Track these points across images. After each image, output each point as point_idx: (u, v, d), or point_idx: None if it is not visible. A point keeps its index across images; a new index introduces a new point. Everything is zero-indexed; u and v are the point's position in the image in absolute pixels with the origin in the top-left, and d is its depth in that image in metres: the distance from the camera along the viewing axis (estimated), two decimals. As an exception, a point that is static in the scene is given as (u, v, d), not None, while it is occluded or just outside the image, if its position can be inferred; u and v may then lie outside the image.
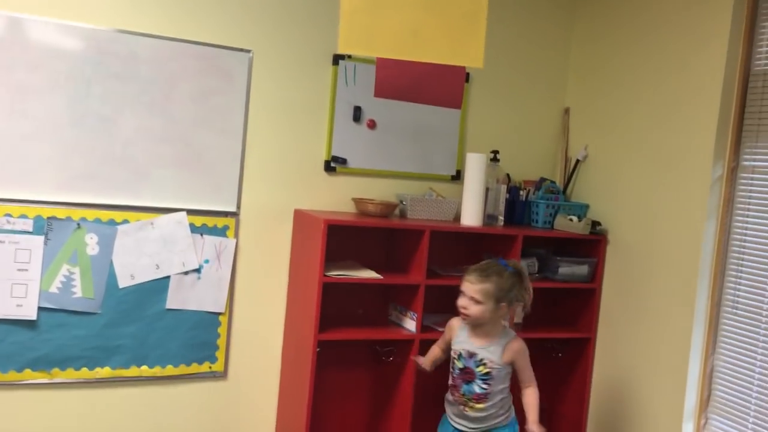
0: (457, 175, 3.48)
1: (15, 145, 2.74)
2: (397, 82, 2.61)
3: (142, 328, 2.96)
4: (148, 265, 2.95)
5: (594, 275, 3.39)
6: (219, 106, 3.04)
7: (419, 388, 3.08)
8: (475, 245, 3.46)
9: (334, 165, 3.26)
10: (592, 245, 3.40)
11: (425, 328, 3.11)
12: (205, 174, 3.04)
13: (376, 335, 3.13)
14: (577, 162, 3.59)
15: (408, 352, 3.07)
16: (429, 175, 3.44)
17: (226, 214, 3.08)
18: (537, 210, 3.46)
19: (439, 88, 2.73)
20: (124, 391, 2.98)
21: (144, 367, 2.99)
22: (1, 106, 2.71)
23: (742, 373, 2.82)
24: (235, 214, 3.10)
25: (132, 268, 2.92)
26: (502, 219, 3.37)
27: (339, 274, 2.94)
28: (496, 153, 3.40)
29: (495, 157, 3.39)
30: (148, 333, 2.97)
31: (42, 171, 2.78)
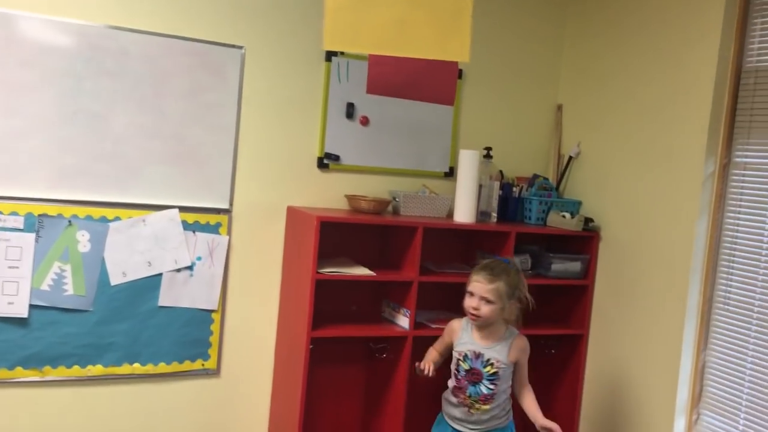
0: (450, 172, 3.48)
1: (5, 142, 2.72)
2: (390, 78, 2.61)
3: (135, 326, 2.95)
4: (140, 262, 2.94)
5: (587, 272, 3.40)
6: (211, 103, 3.03)
7: (412, 385, 3.08)
8: (468, 242, 3.46)
9: (327, 162, 3.25)
10: (584, 242, 3.41)
11: (418, 325, 3.11)
12: (197, 171, 3.03)
13: (369, 332, 3.13)
14: (569, 159, 3.59)
15: (401, 349, 3.08)
16: (422, 172, 3.44)
17: (218, 211, 3.08)
18: (530, 207, 3.46)
19: (431, 85, 2.73)
20: (116, 388, 2.97)
21: (136, 365, 2.98)
22: (-9, 102, 2.70)
23: (734, 368, 2.84)
24: (228, 211, 3.09)
25: (124, 265, 2.91)
26: (495, 216, 3.37)
27: (332, 271, 2.94)
28: (489, 150, 3.40)
29: (488, 153, 3.39)
30: (140, 330, 2.96)
31: (33, 168, 2.77)
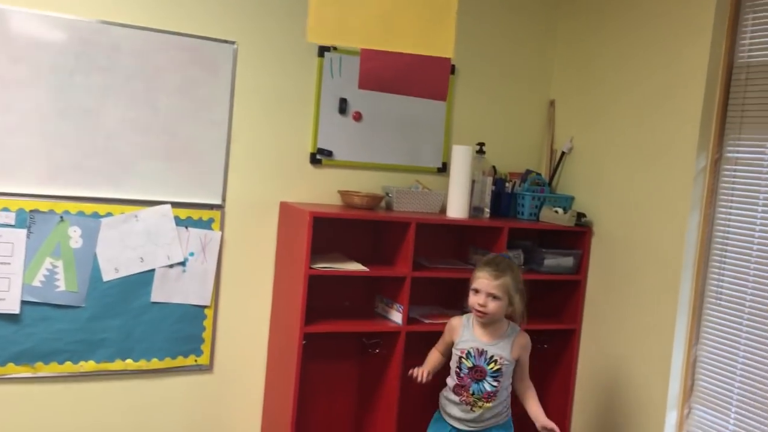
0: (443, 168, 3.49)
1: (-4, 137, 2.71)
2: (382, 74, 2.61)
3: (127, 322, 2.94)
4: (132, 258, 2.93)
5: (579, 267, 3.41)
6: (203, 98, 3.02)
7: (405, 380, 3.08)
8: (461, 237, 3.47)
9: (319, 157, 3.25)
10: (577, 237, 3.42)
11: (411, 320, 3.12)
12: (189, 166, 3.02)
13: (362, 328, 3.13)
14: (562, 154, 3.60)
15: (394, 344, 3.08)
16: (415, 168, 3.44)
17: (211, 207, 3.07)
18: (523, 202, 3.47)
19: (424, 80, 2.73)
20: (108, 384, 2.97)
21: (129, 361, 2.97)
22: (-19, 97, 2.68)
23: (725, 362, 2.85)
24: (221, 206, 3.09)
25: (116, 261, 2.90)
26: (488, 211, 3.37)
27: (325, 266, 2.94)
28: (482, 145, 3.40)
29: (481, 149, 3.40)
30: (132, 326, 2.95)
31: (24, 163, 2.75)
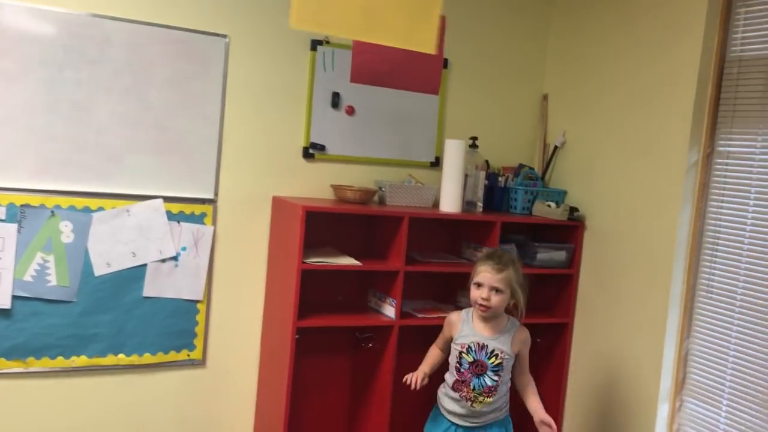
0: (436, 162, 3.48)
1: (-14, 131, 2.70)
2: (374, 67, 2.60)
3: (119, 316, 2.93)
4: (124, 252, 2.92)
5: (572, 261, 3.41)
6: (195, 92, 3.00)
7: (398, 374, 3.09)
8: (454, 232, 3.47)
9: (312, 151, 3.24)
10: (569, 231, 3.42)
11: (404, 315, 3.12)
12: (181, 160, 3.01)
13: (355, 322, 3.14)
14: (555, 148, 3.60)
15: (387, 339, 3.08)
16: (408, 162, 3.44)
17: (203, 201, 3.06)
18: (515, 196, 3.47)
19: (416, 74, 2.72)
20: (100, 379, 2.96)
21: (121, 356, 2.96)
22: (-29, 91, 2.66)
23: (717, 356, 2.86)
24: (213, 201, 3.08)
25: (108, 255, 2.89)
26: (480, 205, 3.37)
27: (318, 261, 2.93)
28: (474, 139, 3.40)
29: (474, 143, 3.39)
30: (125, 321, 2.94)
31: (15, 158, 2.74)
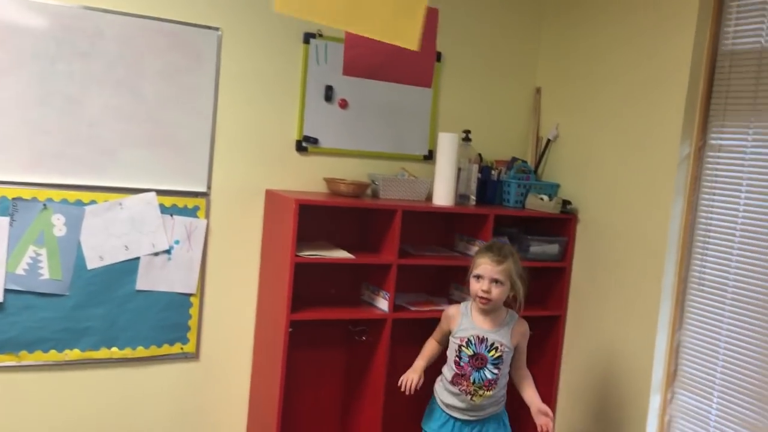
0: (429, 155, 3.48)
1: (-23, 124, 2.68)
2: (366, 60, 2.60)
3: (112, 310, 2.93)
4: (117, 246, 2.91)
5: (564, 254, 3.42)
6: (188, 85, 3.00)
7: (392, 367, 3.10)
8: (447, 225, 3.48)
9: (305, 145, 3.24)
10: (562, 224, 3.43)
11: (398, 308, 3.12)
12: (174, 154, 3.00)
13: (348, 315, 3.14)
14: (548, 142, 3.61)
15: (380, 332, 3.09)
16: (401, 155, 3.44)
17: (196, 195, 3.05)
18: (508, 189, 3.47)
19: (409, 67, 2.72)
20: (93, 373, 2.95)
21: (114, 349, 2.96)
22: (-38, 84, 2.65)
23: (708, 348, 2.88)
24: (206, 194, 3.07)
25: (100, 249, 2.89)
26: (474, 198, 3.38)
27: (311, 254, 2.93)
28: (468, 133, 3.40)
29: (467, 136, 3.40)
30: (118, 314, 2.94)
31: (6, 151, 2.72)
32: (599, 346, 3.27)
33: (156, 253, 2.98)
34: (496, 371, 2.62)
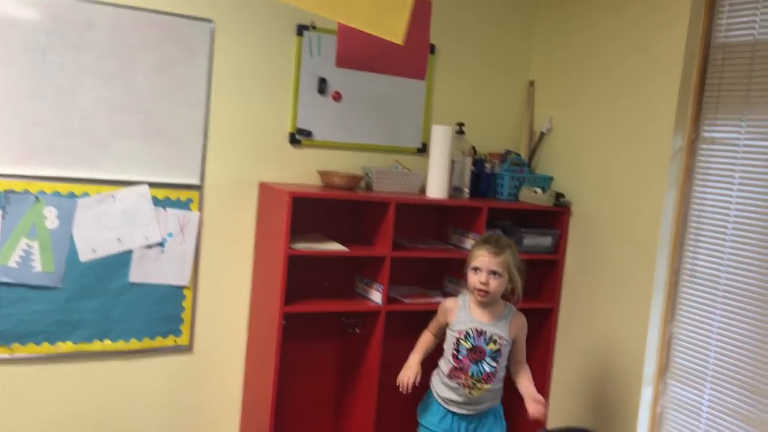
0: (422, 148, 3.48)
1: (-32, 116, 2.67)
2: (360, 52, 2.59)
3: (105, 302, 2.92)
4: (109, 238, 2.90)
5: (557, 246, 3.43)
6: (180, 77, 2.98)
7: (385, 360, 3.10)
8: (441, 217, 3.48)
9: (299, 137, 3.23)
10: (555, 217, 3.44)
11: (391, 300, 3.13)
12: (167, 146, 2.99)
13: (342, 307, 3.14)
14: (541, 134, 3.61)
15: (374, 324, 3.09)
16: (395, 148, 3.44)
17: (189, 187, 3.05)
18: (502, 182, 3.48)
19: (402, 59, 2.71)
20: (86, 365, 2.95)
21: (107, 341, 2.96)
22: (-48, 75, 2.63)
23: (700, 339, 2.90)
24: (199, 187, 3.07)
25: (93, 241, 2.88)
26: (467, 191, 3.38)
27: (304, 246, 2.93)
28: (461, 125, 3.40)
29: (461, 129, 3.39)
30: (111, 307, 2.93)
31: (-2, 143, 2.72)
32: (592, 338, 3.28)
33: (149, 246, 2.97)
34: (494, 364, 2.62)
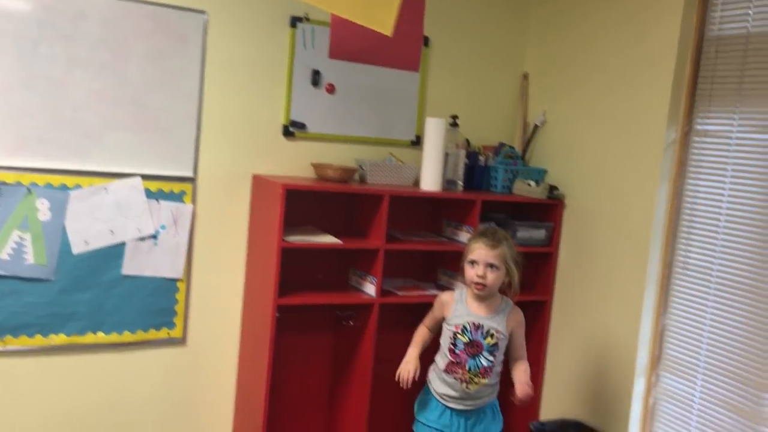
0: (416, 140, 3.48)
1: (-41, 107, 2.65)
2: (353, 43, 2.58)
3: (98, 295, 2.91)
4: (102, 230, 2.89)
5: (551, 239, 3.44)
6: (173, 69, 2.97)
7: (379, 352, 3.11)
8: (435, 210, 3.48)
9: (292, 130, 3.22)
10: (549, 209, 3.44)
11: (385, 293, 3.13)
12: (160, 138, 2.98)
13: (335, 300, 3.14)
14: (535, 127, 3.61)
15: (368, 316, 3.09)
16: (388, 140, 3.44)
17: (182, 180, 3.03)
18: (496, 175, 3.48)
19: (396, 50, 2.70)
20: (80, 357, 2.94)
21: (100, 334, 2.95)
22: (-57, 66, 2.61)
23: (692, 331, 2.91)
24: (192, 179, 3.06)
25: (86, 233, 2.86)
26: (461, 184, 3.38)
27: (298, 239, 2.93)
28: (455, 118, 3.40)
29: (454, 122, 3.39)
30: (104, 299, 2.93)
31: (-11, 134, 2.70)
32: (585, 330, 3.29)
33: (142, 238, 2.97)
34: (491, 358, 2.61)
